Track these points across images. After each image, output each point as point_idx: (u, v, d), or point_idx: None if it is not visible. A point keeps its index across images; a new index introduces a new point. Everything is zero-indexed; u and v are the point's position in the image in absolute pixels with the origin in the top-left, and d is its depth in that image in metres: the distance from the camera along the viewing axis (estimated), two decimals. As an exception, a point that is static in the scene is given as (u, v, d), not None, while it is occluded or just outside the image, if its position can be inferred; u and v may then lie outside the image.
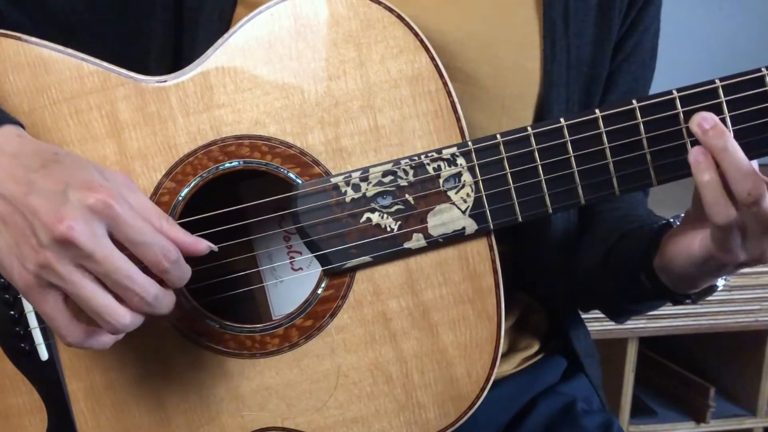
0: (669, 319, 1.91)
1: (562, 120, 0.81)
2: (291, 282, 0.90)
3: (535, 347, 1.08)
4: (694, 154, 0.78)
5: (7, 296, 0.83)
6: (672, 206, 1.06)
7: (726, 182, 0.77)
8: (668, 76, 1.03)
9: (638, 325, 1.91)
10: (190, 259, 0.76)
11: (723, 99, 0.79)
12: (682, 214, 0.87)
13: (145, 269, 0.72)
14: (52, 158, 0.72)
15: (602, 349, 1.86)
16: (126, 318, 0.72)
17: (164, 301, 0.74)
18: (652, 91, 0.94)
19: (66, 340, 0.73)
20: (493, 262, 0.84)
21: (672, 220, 0.90)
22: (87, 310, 0.71)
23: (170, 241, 0.73)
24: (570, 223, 1.02)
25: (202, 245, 0.76)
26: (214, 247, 0.77)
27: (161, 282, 0.74)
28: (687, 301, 0.91)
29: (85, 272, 0.70)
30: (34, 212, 0.69)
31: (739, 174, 0.76)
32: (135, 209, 0.72)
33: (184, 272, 0.75)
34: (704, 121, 0.77)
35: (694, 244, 0.83)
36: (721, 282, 0.88)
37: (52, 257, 0.69)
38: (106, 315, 0.71)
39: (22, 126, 0.77)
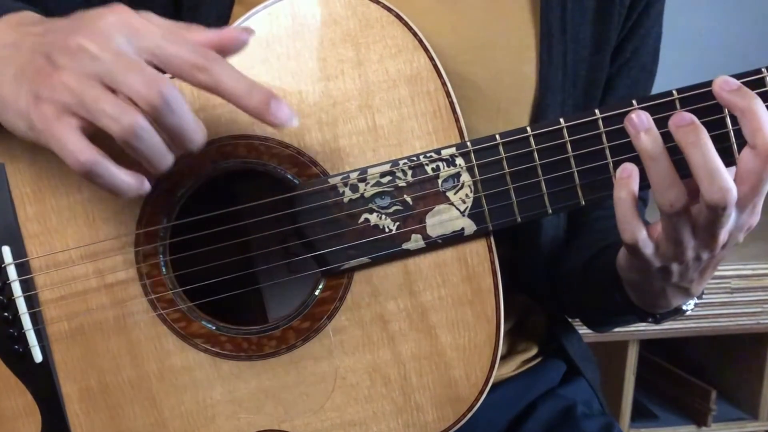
0: (670, 321, 1.90)
1: (561, 121, 0.80)
2: (288, 283, 0.89)
3: (534, 350, 1.08)
4: (620, 170, 0.78)
5: (1, 298, 0.83)
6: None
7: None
8: (669, 77, 1.02)
9: (639, 327, 1.90)
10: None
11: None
12: None
13: None
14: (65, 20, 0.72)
15: (602, 352, 1.87)
16: (135, 116, 0.67)
17: (181, 105, 0.68)
18: (653, 92, 0.94)
19: (75, 157, 0.68)
20: (492, 263, 0.83)
21: None
22: (96, 116, 0.67)
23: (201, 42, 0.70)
24: (559, 230, 1.02)
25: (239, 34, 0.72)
26: (250, 32, 0.72)
27: None
28: (649, 319, 0.92)
29: (98, 80, 0.67)
30: (52, 43, 0.69)
31: (665, 183, 0.75)
32: (154, 21, 0.71)
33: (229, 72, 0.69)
34: (640, 123, 0.76)
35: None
36: (690, 304, 0.89)
37: (65, 73, 0.68)
38: (114, 111, 0.67)
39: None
